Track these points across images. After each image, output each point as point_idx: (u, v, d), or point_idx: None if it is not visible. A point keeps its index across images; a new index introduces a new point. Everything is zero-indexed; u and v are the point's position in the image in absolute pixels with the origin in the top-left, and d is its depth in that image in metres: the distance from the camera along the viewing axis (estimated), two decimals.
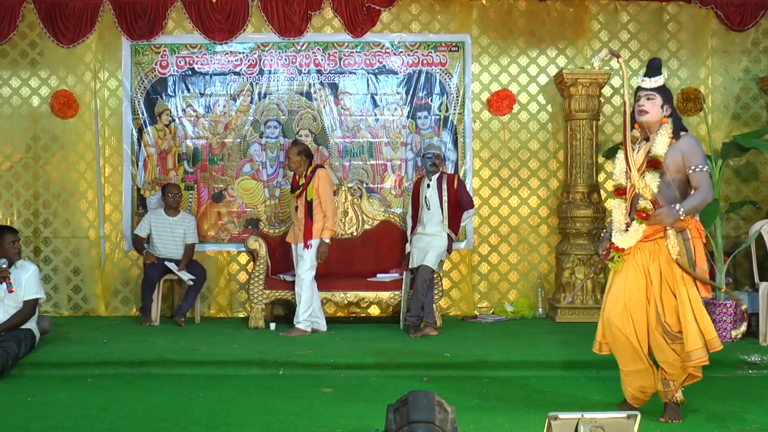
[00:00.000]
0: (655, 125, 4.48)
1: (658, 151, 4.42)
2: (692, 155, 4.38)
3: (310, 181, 7.02)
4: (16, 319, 5.93)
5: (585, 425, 3.17)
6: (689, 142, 4.43)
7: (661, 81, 4.52)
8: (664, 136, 4.44)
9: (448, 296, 8.33)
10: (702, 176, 4.38)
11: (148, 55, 8.38)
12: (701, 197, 4.35)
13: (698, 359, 4.32)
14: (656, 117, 4.48)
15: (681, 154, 4.39)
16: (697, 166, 4.38)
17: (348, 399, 5.08)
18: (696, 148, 4.41)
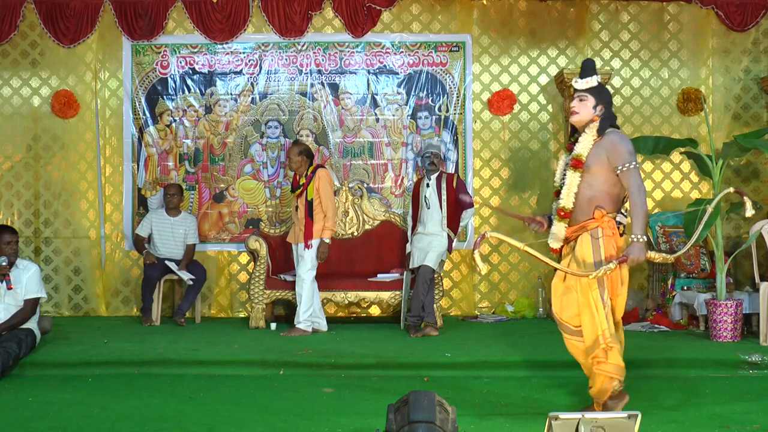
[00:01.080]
0: (586, 126, 4.47)
1: (579, 151, 4.42)
2: (615, 154, 4.33)
3: (311, 181, 7.03)
4: (18, 318, 5.94)
5: (585, 425, 3.17)
6: (611, 139, 4.37)
7: (595, 81, 4.48)
8: (588, 135, 4.43)
9: (449, 296, 8.33)
10: (629, 175, 4.31)
11: (148, 55, 8.38)
12: (638, 206, 4.25)
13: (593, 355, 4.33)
14: (586, 117, 4.46)
15: (605, 152, 4.35)
16: (623, 165, 4.32)
17: (349, 399, 5.09)
18: (619, 145, 4.34)
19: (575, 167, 4.41)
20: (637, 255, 4.25)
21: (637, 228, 4.26)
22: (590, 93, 4.47)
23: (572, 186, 4.41)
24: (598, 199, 4.37)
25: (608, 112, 4.47)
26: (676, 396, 5.16)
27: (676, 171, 8.46)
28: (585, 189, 4.40)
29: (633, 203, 4.29)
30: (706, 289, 7.40)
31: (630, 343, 6.45)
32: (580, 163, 4.40)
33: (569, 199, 4.42)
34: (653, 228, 8.06)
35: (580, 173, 4.40)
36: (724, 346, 6.35)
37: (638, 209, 4.27)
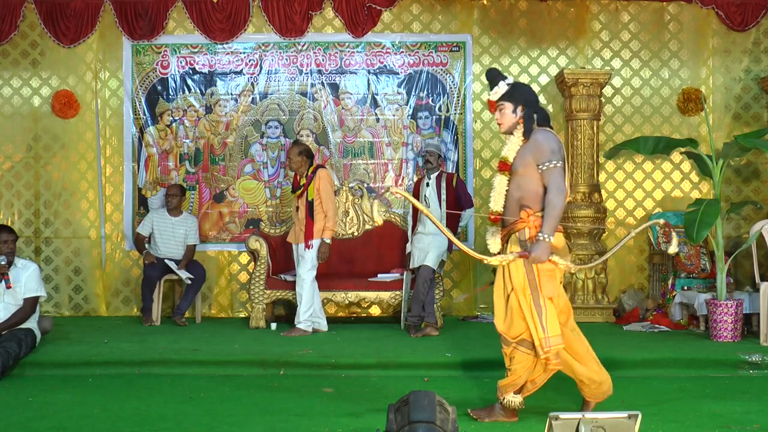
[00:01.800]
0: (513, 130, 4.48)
1: (505, 154, 4.43)
2: (538, 152, 4.31)
3: (311, 181, 7.02)
4: (17, 317, 5.94)
5: (586, 425, 3.17)
6: (535, 138, 4.36)
7: (504, 88, 4.46)
8: (514, 138, 4.44)
9: (449, 296, 8.32)
10: (548, 174, 4.28)
11: (149, 55, 8.38)
12: (552, 206, 4.22)
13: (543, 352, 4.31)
14: (510, 124, 4.47)
15: (530, 153, 4.35)
16: (543, 163, 4.30)
17: (349, 399, 5.08)
18: (542, 143, 4.32)
19: (502, 170, 4.43)
20: (539, 253, 4.22)
21: (546, 227, 4.23)
22: (505, 100, 4.47)
23: (500, 189, 4.43)
24: (527, 200, 4.36)
25: (530, 110, 4.43)
26: (676, 396, 5.16)
27: (676, 171, 8.46)
28: (514, 191, 4.40)
29: (548, 202, 4.25)
30: (706, 289, 7.40)
31: (630, 343, 6.51)
32: (506, 166, 4.42)
33: (498, 203, 4.44)
34: (653, 228, 8.06)
35: (507, 176, 4.42)
36: (724, 346, 6.34)
37: (552, 209, 4.23)
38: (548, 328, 4.27)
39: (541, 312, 4.28)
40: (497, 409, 4.51)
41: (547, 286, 4.28)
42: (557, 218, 4.24)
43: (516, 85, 4.52)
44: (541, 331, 4.26)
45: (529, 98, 4.47)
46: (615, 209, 8.40)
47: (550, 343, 4.26)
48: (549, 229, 4.23)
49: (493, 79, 4.50)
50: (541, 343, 4.27)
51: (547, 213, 4.24)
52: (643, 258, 8.40)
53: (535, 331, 4.29)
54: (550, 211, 4.23)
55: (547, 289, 4.28)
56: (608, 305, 7.88)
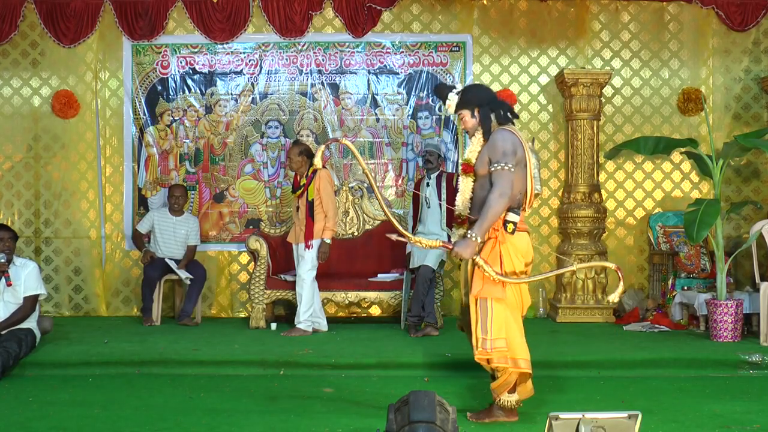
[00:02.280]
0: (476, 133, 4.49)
1: (467, 156, 4.45)
2: (492, 152, 4.32)
3: (311, 182, 7.02)
4: (17, 315, 5.94)
5: (586, 425, 3.17)
6: (492, 138, 4.37)
7: (454, 99, 4.47)
8: (475, 139, 4.46)
9: (449, 296, 8.32)
10: (495, 175, 4.27)
11: (149, 55, 8.38)
12: (489, 207, 4.20)
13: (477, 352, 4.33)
14: (474, 127, 4.49)
15: (487, 153, 4.36)
16: (493, 164, 4.30)
17: (349, 399, 5.08)
18: (496, 143, 4.31)
19: (465, 172, 4.45)
20: (461, 250, 4.23)
21: (477, 228, 4.24)
22: (461, 108, 4.49)
23: (465, 191, 4.45)
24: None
25: (486, 110, 4.43)
26: (676, 396, 5.16)
27: (676, 171, 8.46)
28: (479, 191, 4.41)
29: (487, 203, 4.24)
30: (706, 289, 7.40)
31: (630, 343, 6.52)
32: (469, 168, 4.44)
33: (464, 205, 4.46)
34: (653, 228, 8.07)
35: (471, 178, 4.44)
36: (724, 346, 6.35)
37: (488, 210, 4.22)
38: (491, 331, 4.29)
39: (486, 313, 4.30)
40: (495, 410, 4.51)
41: (487, 286, 4.30)
42: (490, 220, 4.23)
43: (466, 90, 4.53)
44: (481, 332, 4.29)
45: (483, 98, 4.48)
46: (615, 209, 8.40)
47: (489, 345, 4.28)
48: (479, 230, 4.23)
49: (442, 94, 4.54)
50: (478, 344, 4.30)
51: (483, 213, 4.24)
52: (643, 258, 8.40)
53: (475, 330, 4.32)
54: (486, 211, 4.22)
55: (486, 290, 4.30)
56: (608, 305, 7.88)
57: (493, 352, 4.29)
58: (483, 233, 4.23)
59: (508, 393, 4.47)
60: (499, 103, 4.48)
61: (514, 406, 4.48)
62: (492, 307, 4.29)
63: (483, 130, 4.41)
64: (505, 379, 4.44)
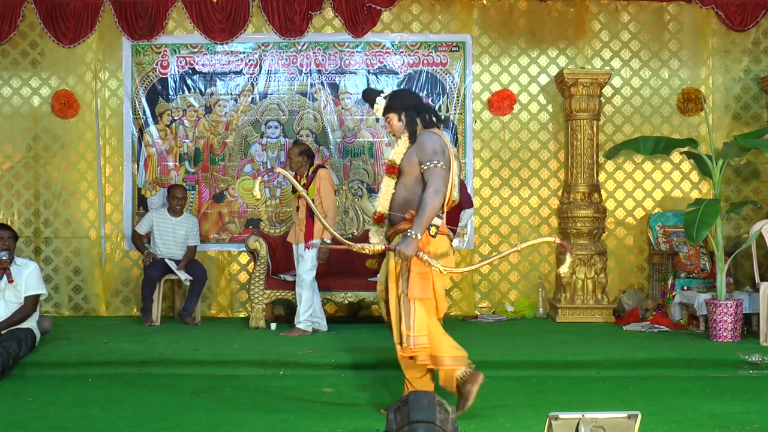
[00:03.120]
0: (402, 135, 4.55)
1: (392, 157, 4.50)
2: (421, 153, 4.39)
3: (311, 182, 7.02)
4: (18, 315, 5.94)
5: (586, 425, 3.17)
6: (420, 139, 4.44)
7: (382, 102, 4.55)
8: (401, 141, 4.51)
9: (449, 296, 8.32)
10: (428, 174, 4.34)
11: (148, 55, 8.38)
12: (425, 204, 4.26)
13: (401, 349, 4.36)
14: (400, 130, 4.54)
15: (415, 154, 4.42)
16: (425, 163, 4.36)
17: (349, 399, 5.09)
18: (425, 144, 4.39)
19: (389, 173, 4.50)
20: (404, 248, 4.25)
21: (416, 225, 4.27)
22: (389, 112, 4.55)
23: (387, 191, 4.50)
24: (412, 201, 4.42)
25: (412, 114, 4.51)
26: (676, 396, 5.16)
27: (676, 171, 8.46)
28: (401, 191, 4.46)
29: (422, 200, 4.30)
30: (706, 289, 7.41)
31: (630, 343, 6.53)
32: (393, 169, 4.49)
33: (384, 204, 4.50)
34: (653, 228, 8.07)
35: (394, 178, 4.49)
36: (724, 346, 6.35)
37: (425, 208, 4.28)
38: (414, 328, 4.33)
39: (409, 310, 4.34)
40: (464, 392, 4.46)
41: (415, 287, 4.31)
42: (429, 217, 4.30)
43: (394, 95, 4.61)
44: (405, 328, 4.34)
45: (410, 102, 4.56)
46: (615, 209, 8.40)
47: (413, 342, 4.33)
48: (418, 227, 4.27)
49: (369, 100, 4.60)
50: (402, 340, 4.35)
51: (420, 211, 4.30)
52: (643, 258, 8.40)
53: (398, 326, 4.36)
54: (423, 209, 4.28)
55: (414, 291, 4.32)
56: (608, 305, 7.89)
57: (417, 348, 4.36)
58: (422, 229, 4.28)
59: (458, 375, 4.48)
60: (425, 107, 4.59)
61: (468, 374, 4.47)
62: (416, 305, 4.36)
63: (409, 132, 4.49)
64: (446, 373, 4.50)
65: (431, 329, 4.43)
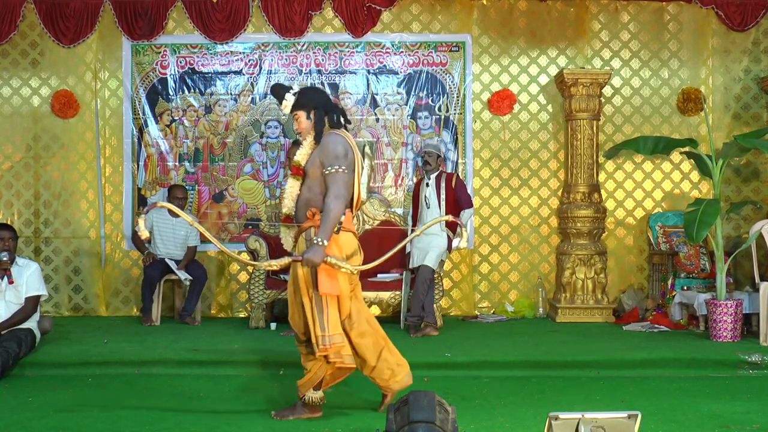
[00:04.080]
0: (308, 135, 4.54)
1: (297, 159, 4.50)
2: (324, 156, 4.39)
3: None
4: (19, 315, 5.94)
5: (585, 425, 3.17)
6: (324, 142, 4.44)
7: (291, 99, 4.51)
8: (307, 142, 4.51)
9: (449, 296, 8.33)
10: (330, 179, 4.35)
11: (148, 55, 8.38)
12: (328, 210, 4.28)
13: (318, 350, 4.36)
14: (308, 130, 4.53)
15: (318, 156, 4.42)
16: (327, 167, 4.37)
17: (349, 399, 5.08)
18: (329, 147, 4.39)
19: (294, 174, 4.50)
20: (311, 256, 4.26)
21: (321, 232, 4.29)
22: (297, 109, 4.53)
23: (292, 193, 4.51)
24: (314, 201, 4.43)
25: (320, 114, 4.50)
26: (675, 396, 5.16)
27: (676, 171, 8.47)
28: (305, 193, 4.47)
29: (325, 206, 4.32)
30: (706, 289, 7.41)
31: (630, 343, 6.52)
32: (298, 171, 4.49)
33: (289, 205, 4.51)
34: (653, 228, 8.07)
35: (299, 180, 4.50)
36: (724, 346, 6.35)
37: (328, 214, 4.29)
38: (328, 327, 4.34)
39: (321, 310, 4.35)
40: (299, 407, 4.57)
41: (325, 283, 4.33)
42: (333, 224, 4.31)
43: (303, 92, 4.59)
44: (319, 330, 4.34)
45: (319, 102, 4.54)
46: (615, 209, 8.40)
47: (328, 341, 4.34)
48: (324, 234, 4.28)
49: (278, 96, 4.57)
50: (318, 341, 4.35)
51: (323, 217, 4.32)
52: (643, 258, 8.40)
53: (313, 328, 4.36)
54: (327, 215, 4.30)
55: (324, 287, 4.33)
56: (608, 305, 7.89)
57: (332, 348, 4.36)
58: (327, 236, 4.29)
59: (313, 390, 4.54)
60: (333, 107, 4.57)
61: (317, 403, 4.56)
62: (328, 304, 4.37)
63: (315, 133, 4.49)
64: (312, 376, 4.51)
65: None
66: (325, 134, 4.48)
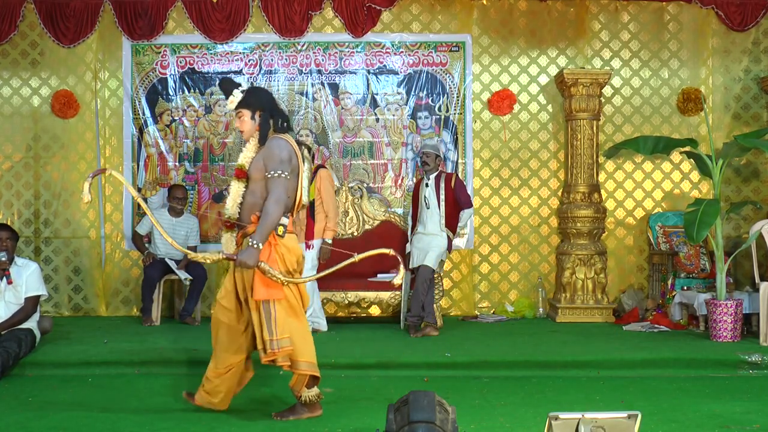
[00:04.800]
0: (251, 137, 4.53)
1: (241, 161, 4.50)
2: (267, 160, 4.40)
3: (312, 182, 7.02)
4: (19, 316, 5.94)
5: (585, 425, 3.17)
6: (268, 145, 4.44)
7: (239, 96, 4.51)
8: (251, 145, 4.50)
9: (449, 296, 8.33)
10: (272, 183, 4.37)
11: (148, 55, 8.38)
12: (267, 214, 4.30)
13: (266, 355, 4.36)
14: (251, 130, 4.52)
15: (262, 159, 4.42)
16: (269, 172, 4.38)
17: (349, 399, 5.09)
18: (272, 151, 4.40)
19: (238, 177, 4.49)
20: (245, 258, 4.28)
21: (257, 235, 4.31)
22: (242, 107, 4.52)
23: (236, 196, 4.49)
24: (259, 205, 4.42)
25: (266, 115, 4.50)
26: (675, 396, 5.16)
27: (676, 171, 8.46)
28: (249, 197, 4.47)
29: (264, 210, 4.34)
30: (706, 289, 7.41)
31: (630, 343, 6.53)
32: (242, 173, 4.48)
33: (234, 209, 4.49)
34: (653, 228, 8.07)
35: (243, 183, 4.48)
36: (724, 346, 6.35)
37: (266, 217, 4.31)
38: (276, 332, 4.34)
39: (270, 315, 4.35)
40: (299, 408, 4.56)
41: (260, 287, 4.34)
42: (270, 227, 4.33)
43: (251, 91, 4.59)
44: (267, 334, 4.33)
45: (266, 104, 4.54)
46: (615, 209, 8.40)
47: (277, 345, 4.34)
48: (259, 237, 4.30)
49: (227, 89, 4.57)
50: (266, 346, 4.34)
51: (261, 221, 4.33)
52: (643, 258, 8.40)
53: (261, 333, 4.36)
54: (265, 218, 4.32)
55: (259, 292, 4.34)
56: (608, 305, 7.89)
57: (280, 351, 4.36)
58: (263, 239, 4.31)
59: (306, 388, 4.53)
60: (279, 111, 4.58)
61: (315, 400, 4.55)
62: (275, 308, 4.37)
63: (260, 136, 4.49)
64: (298, 376, 4.50)
65: (295, 330, 4.43)
66: (269, 138, 4.47)
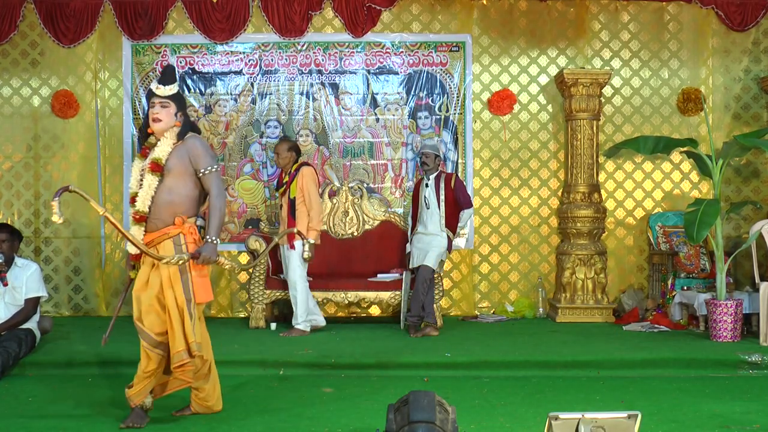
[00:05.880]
0: (166, 131, 4.52)
1: (158, 155, 4.46)
2: (198, 158, 4.44)
3: (294, 179, 7.00)
4: (19, 317, 5.94)
5: (585, 425, 3.17)
6: (194, 143, 4.47)
7: (176, 89, 4.53)
8: (168, 139, 4.49)
9: (449, 296, 8.33)
10: (210, 178, 4.45)
11: (148, 55, 8.38)
12: (215, 209, 4.41)
13: (180, 361, 4.32)
14: (169, 124, 4.51)
15: (187, 156, 4.44)
16: (205, 168, 4.44)
17: (349, 399, 5.09)
18: (201, 149, 4.46)
19: (153, 171, 4.45)
20: (209, 254, 4.37)
21: (211, 230, 4.41)
22: (172, 100, 4.52)
23: (150, 189, 4.46)
24: (178, 204, 4.43)
25: (187, 118, 4.58)
26: (676, 396, 5.16)
27: (676, 171, 8.46)
28: (164, 194, 4.44)
29: (212, 206, 4.44)
30: (706, 289, 7.41)
31: (630, 343, 6.53)
32: (158, 167, 4.45)
33: (146, 203, 4.47)
34: (653, 228, 8.07)
35: (158, 177, 4.46)
36: (724, 346, 6.35)
37: (216, 212, 4.43)
38: (197, 333, 4.38)
39: (193, 317, 4.36)
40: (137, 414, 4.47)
41: (200, 289, 4.41)
42: (221, 220, 4.46)
43: (180, 93, 4.63)
44: (192, 335, 4.33)
45: (185, 107, 4.63)
46: (615, 209, 8.40)
47: (197, 348, 4.35)
48: (214, 231, 4.41)
49: (170, 76, 4.55)
50: (191, 348, 4.33)
51: (212, 215, 4.43)
52: (643, 258, 8.40)
53: (185, 335, 4.33)
54: (215, 213, 4.43)
55: (201, 294, 4.40)
56: (608, 305, 7.89)
57: (196, 357, 4.36)
58: (217, 233, 4.42)
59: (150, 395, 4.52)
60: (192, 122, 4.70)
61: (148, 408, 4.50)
62: (195, 311, 4.39)
63: (180, 131, 4.50)
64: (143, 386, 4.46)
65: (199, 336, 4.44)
66: (189, 136, 4.50)
